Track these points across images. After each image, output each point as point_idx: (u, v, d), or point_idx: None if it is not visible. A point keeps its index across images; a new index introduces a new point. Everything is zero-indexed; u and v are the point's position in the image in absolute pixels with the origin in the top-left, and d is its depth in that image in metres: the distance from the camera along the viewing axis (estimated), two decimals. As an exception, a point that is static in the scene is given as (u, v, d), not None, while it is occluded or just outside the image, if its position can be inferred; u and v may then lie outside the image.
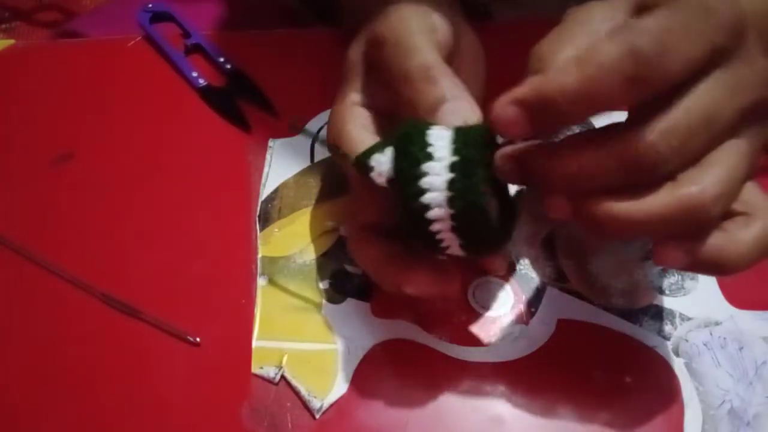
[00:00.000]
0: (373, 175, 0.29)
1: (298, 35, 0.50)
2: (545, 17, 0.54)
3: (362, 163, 0.29)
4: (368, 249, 0.33)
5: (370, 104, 0.34)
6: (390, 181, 0.29)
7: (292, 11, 0.61)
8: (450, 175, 0.27)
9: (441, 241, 0.29)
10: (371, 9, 0.35)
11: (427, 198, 0.27)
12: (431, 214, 0.28)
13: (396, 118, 0.34)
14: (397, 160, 0.28)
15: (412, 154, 0.28)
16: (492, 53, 0.37)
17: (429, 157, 0.27)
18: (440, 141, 0.28)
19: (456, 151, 0.27)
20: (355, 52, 0.35)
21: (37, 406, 0.34)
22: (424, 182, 0.27)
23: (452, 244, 0.29)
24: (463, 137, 0.28)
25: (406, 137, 0.28)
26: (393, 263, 0.32)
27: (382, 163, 0.29)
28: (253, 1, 0.61)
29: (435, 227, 0.28)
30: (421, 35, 0.32)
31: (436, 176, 0.27)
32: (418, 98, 0.30)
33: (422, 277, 0.32)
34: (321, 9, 0.58)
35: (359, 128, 0.33)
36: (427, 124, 0.29)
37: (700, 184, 0.25)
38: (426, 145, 0.28)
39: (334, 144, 0.33)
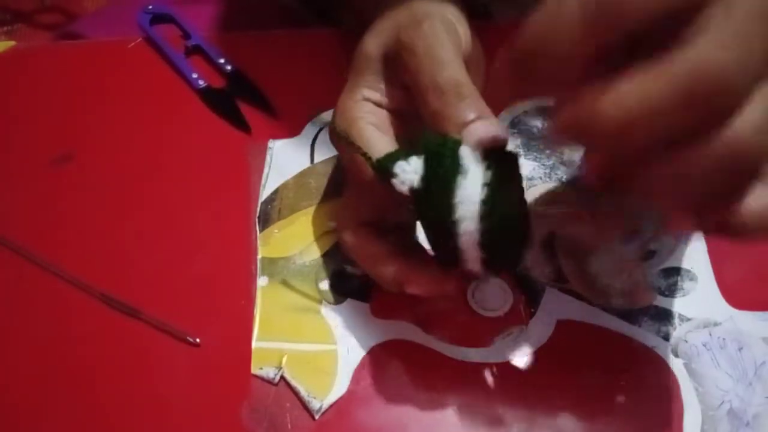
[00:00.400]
0: (396, 182, 0.29)
1: (298, 36, 0.50)
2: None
3: (384, 167, 0.30)
4: (368, 247, 0.33)
5: (381, 102, 0.34)
6: (413, 191, 0.29)
7: (292, 12, 0.61)
8: (484, 191, 0.27)
9: (461, 255, 0.29)
10: (388, 6, 0.35)
11: (460, 212, 0.27)
12: (460, 228, 0.28)
13: (409, 121, 0.34)
14: (428, 176, 0.29)
15: (444, 173, 0.28)
16: (492, 53, 0.37)
17: (463, 173, 0.27)
18: (474, 165, 0.28)
19: (489, 168, 0.27)
20: (372, 46, 0.34)
21: (37, 406, 0.34)
22: (457, 198, 0.27)
23: (473, 259, 0.29)
24: (494, 155, 0.28)
25: (438, 154, 0.28)
26: (393, 262, 0.32)
27: (407, 171, 0.29)
28: (253, 1, 0.61)
29: (462, 240, 0.28)
30: (451, 49, 0.31)
31: (469, 192, 0.27)
32: (448, 111, 0.30)
33: (424, 276, 0.32)
34: (321, 9, 0.58)
35: (370, 127, 0.33)
36: (457, 141, 0.29)
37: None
38: (458, 163, 0.28)
39: (342, 142, 0.33)
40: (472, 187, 0.27)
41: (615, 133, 0.22)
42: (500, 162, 0.28)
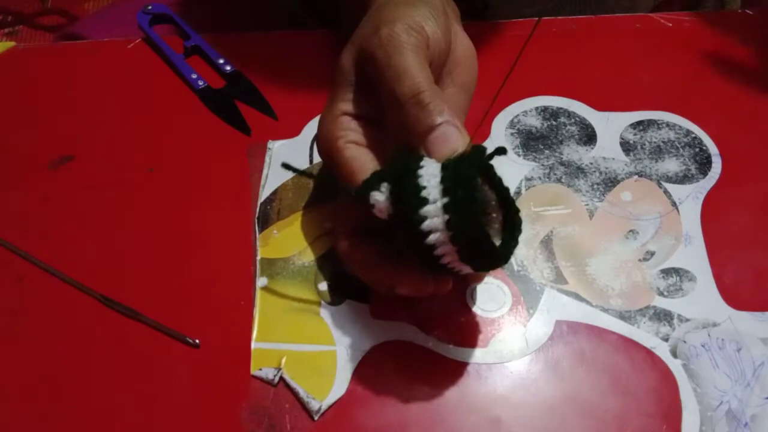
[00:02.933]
0: (375, 211, 0.30)
1: (297, 37, 0.50)
2: (541, 12, 0.54)
3: (362, 198, 0.31)
4: (359, 251, 0.34)
5: (359, 113, 0.34)
6: (391, 216, 0.30)
7: (292, 13, 0.61)
8: (446, 217, 0.28)
9: (452, 267, 0.30)
10: (363, 13, 0.35)
11: (431, 239, 0.29)
12: (438, 251, 0.29)
13: (386, 126, 0.34)
14: (395, 206, 0.30)
15: (407, 201, 0.29)
16: (490, 48, 0.37)
17: (424, 201, 0.29)
18: (433, 180, 0.29)
19: (446, 192, 0.28)
20: (346, 60, 0.34)
21: (37, 408, 0.34)
22: (425, 226, 0.29)
23: (463, 269, 0.31)
24: (452, 175, 0.29)
25: (400, 181, 0.29)
26: (384, 265, 0.33)
27: (381, 201, 0.30)
28: (253, 3, 0.61)
29: (444, 261, 0.30)
30: (411, 53, 0.31)
31: (435, 218, 0.28)
32: (409, 123, 0.31)
33: (414, 277, 0.32)
34: (320, 11, 0.59)
35: (351, 146, 0.33)
36: (418, 160, 0.30)
37: None
38: (419, 188, 0.29)
39: (328, 161, 0.34)
40: (436, 213, 0.28)
41: None
42: (462, 178, 0.28)
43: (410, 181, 0.29)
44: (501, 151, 0.29)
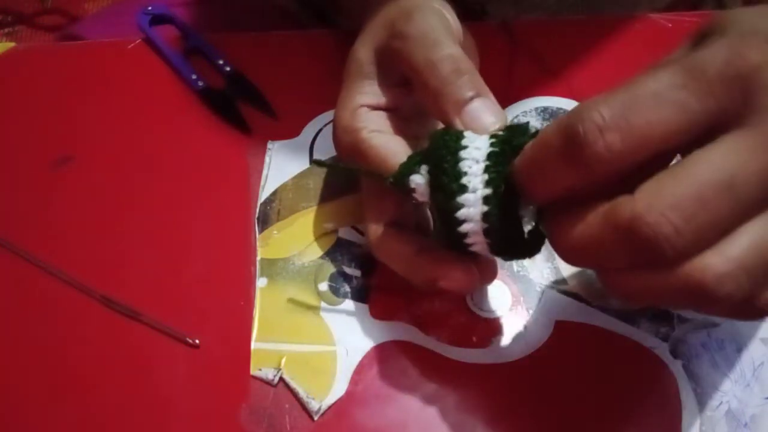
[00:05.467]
0: (415, 195, 0.30)
1: (297, 37, 0.50)
2: (541, 16, 0.54)
3: (401, 184, 0.30)
4: (397, 246, 0.33)
5: (378, 104, 0.34)
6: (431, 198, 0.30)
7: (291, 13, 0.61)
8: (484, 208, 0.28)
9: (478, 254, 0.30)
10: (378, 7, 0.35)
11: (464, 228, 0.28)
12: (469, 240, 0.29)
13: (409, 117, 0.34)
14: (432, 190, 0.29)
15: (446, 186, 0.28)
16: (489, 52, 0.37)
17: (463, 189, 0.28)
18: (475, 166, 0.28)
19: (488, 183, 0.28)
20: (362, 50, 0.34)
21: (36, 408, 0.34)
22: (460, 214, 0.28)
23: (489, 257, 0.31)
24: (494, 163, 0.28)
25: (439, 161, 0.29)
26: (425, 258, 0.32)
27: (422, 185, 0.30)
28: (252, 3, 0.61)
29: (474, 249, 0.30)
30: (445, 33, 0.32)
31: (472, 208, 0.28)
32: (446, 90, 0.30)
33: (458, 271, 0.31)
34: (320, 10, 0.59)
35: (375, 135, 0.33)
36: (459, 138, 0.29)
37: (702, 262, 0.22)
38: (460, 174, 0.28)
39: (351, 154, 0.33)
40: (474, 203, 0.28)
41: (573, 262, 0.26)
42: (505, 170, 0.28)
43: (451, 164, 0.28)
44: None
